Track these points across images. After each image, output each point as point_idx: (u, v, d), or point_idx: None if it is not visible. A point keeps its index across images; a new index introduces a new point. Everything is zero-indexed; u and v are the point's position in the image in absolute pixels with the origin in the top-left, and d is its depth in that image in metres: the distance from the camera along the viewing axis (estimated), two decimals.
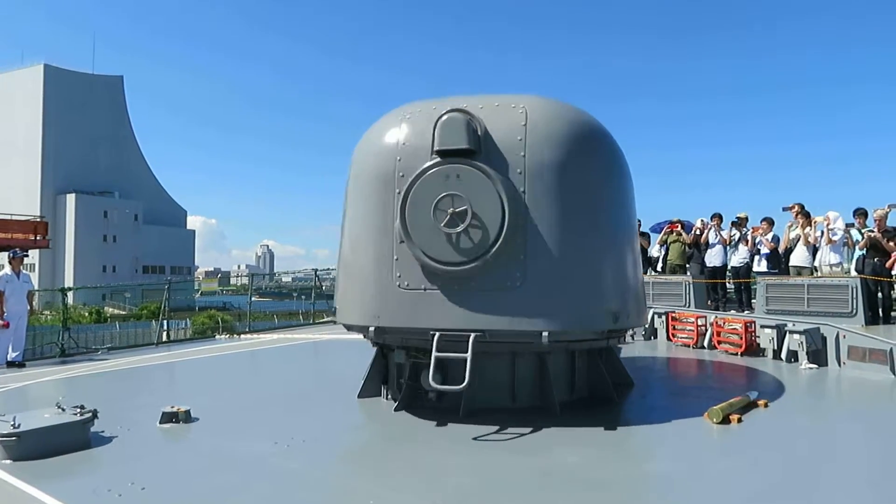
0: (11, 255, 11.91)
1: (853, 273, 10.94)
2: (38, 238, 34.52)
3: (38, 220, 37.17)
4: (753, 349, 10.33)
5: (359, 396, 7.15)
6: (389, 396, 7.09)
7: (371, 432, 6.43)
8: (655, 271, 14.82)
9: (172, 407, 6.25)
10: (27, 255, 12.42)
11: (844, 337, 9.20)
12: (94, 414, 5.63)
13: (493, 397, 6.55)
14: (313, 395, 7.91)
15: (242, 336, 15.86)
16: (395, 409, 6.58)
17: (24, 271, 12.10)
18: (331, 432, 6.12)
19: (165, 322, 18.78)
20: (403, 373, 6.78)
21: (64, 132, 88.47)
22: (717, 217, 13.47)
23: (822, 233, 11.37)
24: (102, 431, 5.71)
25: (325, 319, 19.42)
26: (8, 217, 35.61)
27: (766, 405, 6.68)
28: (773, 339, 9.86)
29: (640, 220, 14.90)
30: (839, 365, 9.18)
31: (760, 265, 12.66)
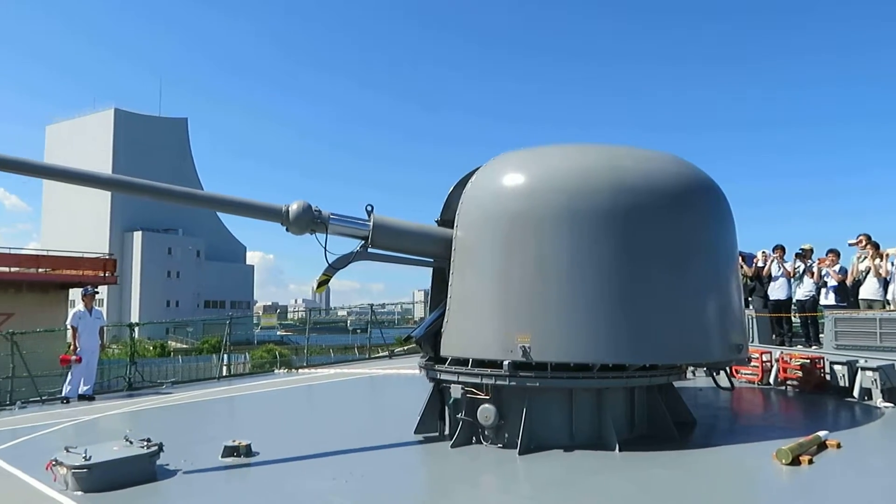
0: (84, 292, 12.43)
1: None
2: (106, 275, 35.77)
3: (107, 257, 38.58)
4: (823, 386, 9.91)
5: (415, 432, 7.15)
6: (446, 432, 7.07)
7: (429, 469, 6.41)
8: None
9: (234, 441, 6.37)
10: (98, 292, 12.90)
11: None
12: (160, 447, 5.79)
13: (551, 434, 6.47)
14: (370, 430, 7.94)
15: (300, 370, 16.08)
16: (452, 446, 6.55)
17: (95, 307, 12.57)
18: (388, 468, 6.13)
19: (227, 356, 19.19)
20: (460, 408, 6.76)
21: (132, 173, 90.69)
22: (780, 249, 13.10)
23: (895, 264, 10.94)
24: (167, 464, 5.86)
25: (381, 354, 19.53)
26: (80, 255, 37.16)
27: (838, 446, 6.38)
28: (843, 375, 9.45)
29: None
30: None
31: (828, 298, 12.21)
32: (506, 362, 6.32)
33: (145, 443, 5.76)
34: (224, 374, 16.32)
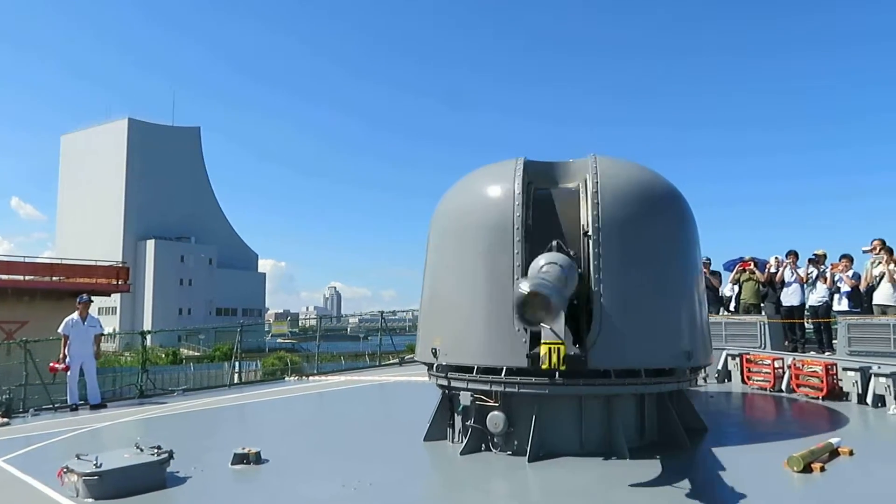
0: (78, 300, 12.43)
1: None
2: (119, 283, 36.08)
3: (120, 265, 38.87)
4: (835, 393, 9.82)
5: (425, 439, 7.14)
6: (456, 439, 7.06)
7: (438, 476, 6.41)
8: (728, 311, 14.36)
9: (244, 448, 6.38)
10: (93, 301, 12.89)
11: None
12: (171, 454, 5.82)
13: (561, 442, 6.44)
14: (380, 437, 7.95)
15: (311, 378, 16.10)
16: (462, 453, 6.54)
17: (92, 315, 12.54)
18: (398, 476, 6.12)
19: (238, 363, 19.27)
20: (470, 415, 6.75)
21: (145, 182, 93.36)
22: (793, 254, 13.02)
23: None
24: (177, 472, 5.88)
25: (391, 361, 19.54)
26: (93, 263, 37.47)
27: (850, 453, 6.31)
28: (856, 382, 9.36)
29: (709, 259, 14.56)
30: None
31: (841, 304, 12.12)
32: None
33: (156, 450, 5.79)
34: (235, 381, 16.35)
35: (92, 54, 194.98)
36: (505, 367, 6.40)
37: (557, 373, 6.24)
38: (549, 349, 5.65)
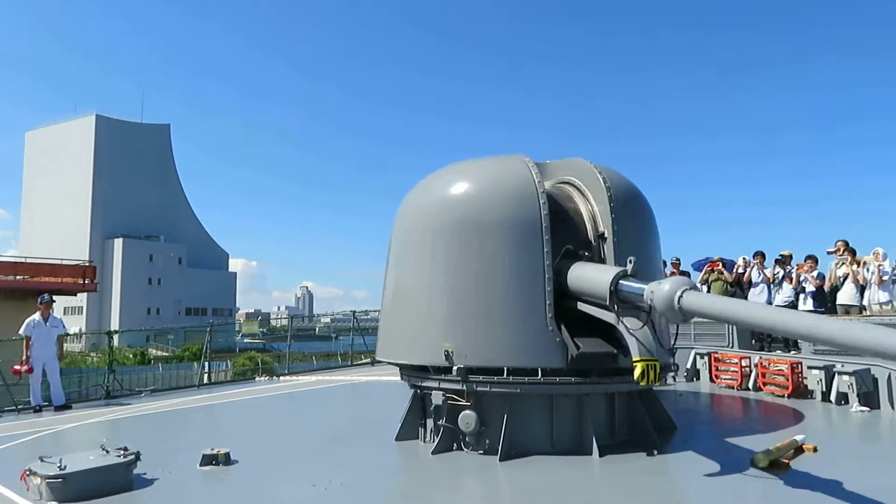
0: (39, 300, 12.18)
1: None
2: (86, 282, 35.45)
3: (87, 264, 38.20)
4: (801, 391, 10.01)
5: (396, 439, 7.12)
6: (428, 439, 7.06)
7: (409, 476, 6.39)
8: None
9: (212, 449, 6.30)
10: (55, 301, 12.63)
11: None
12: (137, 456, 5.72)
13: (532, 441, 6.47)
14: (351, 437, 7.91)
15: (282, 378, 15.96)
16: (433, 452, 6.54)
17: (54, 315, 12.30)
18: (369, 476, 6.10)
19: (207, 364, 19.02)
20: (441, 415, 6.75)
21: (113, 179, 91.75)
22: (760, 255, 13.24)
23: (872, 271, 11.08)
24: (144, 473, 5.79)
25: (363, 361, 19.45)
26: (58, 262, 36.76)
27: (814, 450, 6.44)
28: (821, 380, 9.56)
29: (678, 259, 14.76)
30: (892, 407, 8.83)
31: (806, 304, 12.36)
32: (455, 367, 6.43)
33: (122, 451, 5.69)
34: (204, 381, 16.12)
35: (54, 55, 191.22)
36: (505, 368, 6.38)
37: (528, 372, 6.30)
38: (647, 366, 5.64)
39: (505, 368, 6.35)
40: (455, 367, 6.41)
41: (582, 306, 6.37)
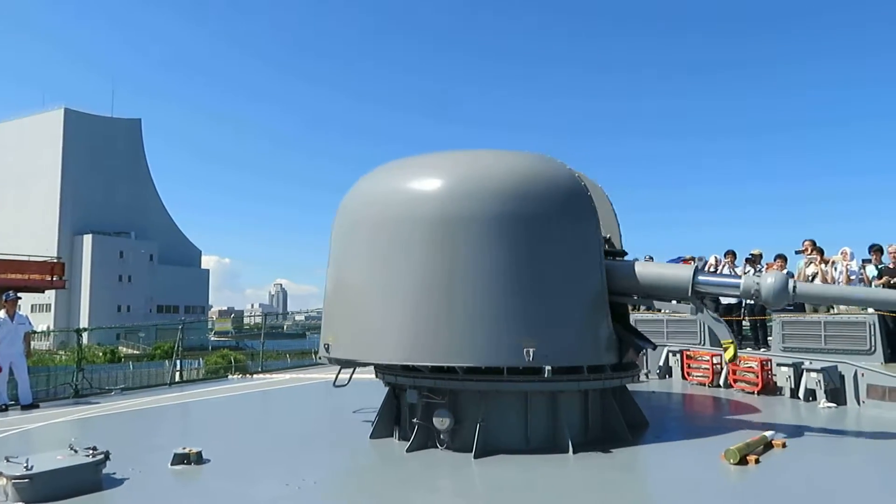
0: (5, 297, 11.92)
1: (871, 310, 10.81)
2: (54, 279, 34.79)
3: (55, 260, 37.50)
4: (770, 388, 10.19)
5: (371, 437, 7.10)
6: (402, 437, 7.04)
7: (383, 474, 6.37)
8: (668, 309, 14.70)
9: (184, 448, 6.23)
10: (20, 298, 12.38)
11: (863, 375, 9.06)
12: (107, 455, 5.63)
13: (506, 438, 6.50)
14: (325, 435, 7.87)
15: (255, 376, 15.82)
16: (408, 450, 6.53)
17: (19, 312, 12.07)
18: (343, 474, 6.07)
19: (179, 362, 18.77)
20: (416, 413, 6.74)
21: (82, 174, 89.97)
22: (731, 254, 13.41)
23: (840, 270, 11.28)
24: (114, 473, 5.70)
25: None
26: (25, 258, 36.01)
27: (783, 445, 6.57)
28: (790, 377, 9.73)
29: (651, 257, 14.89)
30: (858, 403, 9.03)
31: None
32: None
33: (91, 451, 5.59)
34: (176, 380, 15.89)
35: (21, 49, 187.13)
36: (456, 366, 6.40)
37: (504, 370, 6.33)
38: (735, 346, 7.16)
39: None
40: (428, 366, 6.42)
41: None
